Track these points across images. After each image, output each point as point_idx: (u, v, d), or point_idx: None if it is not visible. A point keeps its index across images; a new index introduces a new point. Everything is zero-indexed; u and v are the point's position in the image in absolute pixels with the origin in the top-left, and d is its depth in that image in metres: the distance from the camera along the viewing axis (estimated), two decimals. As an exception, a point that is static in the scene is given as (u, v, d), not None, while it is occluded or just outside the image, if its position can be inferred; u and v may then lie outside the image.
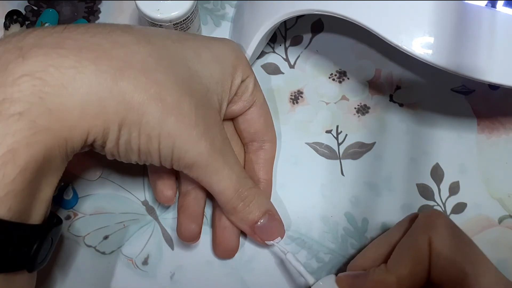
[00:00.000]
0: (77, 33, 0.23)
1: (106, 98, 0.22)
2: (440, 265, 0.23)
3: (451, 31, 0.26)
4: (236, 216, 0.28)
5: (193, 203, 0.30)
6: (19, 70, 0.20)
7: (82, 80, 0.21)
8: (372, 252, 0.28)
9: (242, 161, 0.32)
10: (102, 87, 0.22)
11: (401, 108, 0.36)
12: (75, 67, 0.21)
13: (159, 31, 0.27)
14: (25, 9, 0.38)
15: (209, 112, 0.26)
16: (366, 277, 0.25)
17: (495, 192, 0.34)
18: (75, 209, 0.32)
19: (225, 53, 0.29)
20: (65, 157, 0.22)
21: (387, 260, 0.25)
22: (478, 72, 0.26)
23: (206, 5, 0.38)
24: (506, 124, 0.35)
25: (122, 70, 0.22)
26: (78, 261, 0.31)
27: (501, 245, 0.32)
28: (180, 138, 0.24)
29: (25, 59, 0.21)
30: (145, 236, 0.32)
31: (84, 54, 0.22)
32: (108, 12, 0.38)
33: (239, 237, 0.31)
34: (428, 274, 0.24)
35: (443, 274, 0.23)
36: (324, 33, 0.38)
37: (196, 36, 0.29)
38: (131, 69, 0.23)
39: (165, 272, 0.31)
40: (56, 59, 0.21)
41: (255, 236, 0.29)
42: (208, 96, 0.26)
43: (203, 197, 0.30)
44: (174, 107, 0.24)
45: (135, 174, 0.33)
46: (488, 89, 0.36)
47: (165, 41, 0.26)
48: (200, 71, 0.26)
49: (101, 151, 0.25)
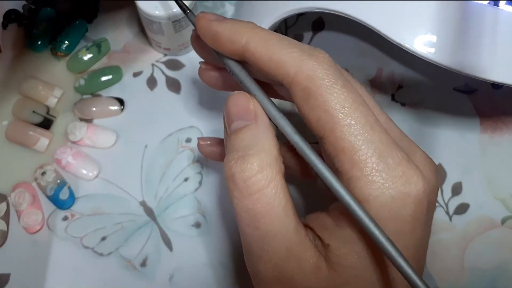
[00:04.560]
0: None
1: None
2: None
3: (454, 29, 0.26)
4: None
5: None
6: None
7: None
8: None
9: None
10: None
11: (403, 107, 0.35)
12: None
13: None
14: (22, 8, 0.37)
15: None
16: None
17: (498, 192, 0.33)
18: (72, 209, 0.32)
19: None
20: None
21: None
22: (480, 70, 0.26)
23: (205, 3, 0.38)
24: (509, 124, 0.35)
25: None
26: (76, 262, 0.31)
27: (504, 246, 0.32)
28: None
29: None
30: (143, 237, 0.32)
31: None
32: (107, 11, 0.38)
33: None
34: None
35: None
36: (325, 32, 0.37)
37: None
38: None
39: (164, 274, 0.31)
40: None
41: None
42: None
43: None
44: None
45: (133, 174, 0.33)
46: (491, 88, 0.36)
47: None
48: None
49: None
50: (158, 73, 0.36)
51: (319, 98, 0.20)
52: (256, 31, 0.21)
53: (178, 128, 0.34)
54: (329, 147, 0.20)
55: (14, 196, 0.32)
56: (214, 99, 0.35)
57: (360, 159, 0.19)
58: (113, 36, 0.37)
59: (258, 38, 0.21)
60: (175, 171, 0.33)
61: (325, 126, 0.20)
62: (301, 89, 0.20)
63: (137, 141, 0.34)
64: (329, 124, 0.19)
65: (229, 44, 0.21)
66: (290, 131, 0.21)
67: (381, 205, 0.19)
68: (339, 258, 0.20)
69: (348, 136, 0.19)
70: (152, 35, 0.34)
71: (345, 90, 0.20)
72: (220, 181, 0.33)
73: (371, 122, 0.20)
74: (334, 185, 0.19)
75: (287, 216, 0.20)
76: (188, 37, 0.35)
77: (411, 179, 0.19)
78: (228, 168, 0.20)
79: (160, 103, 0.35)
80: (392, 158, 0.19)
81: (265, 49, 0.20)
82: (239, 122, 0.21)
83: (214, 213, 0.32)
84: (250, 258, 0.21)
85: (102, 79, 0.35)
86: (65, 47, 0.36)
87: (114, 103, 0.34)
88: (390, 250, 0.18)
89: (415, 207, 0.19)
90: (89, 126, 0.33)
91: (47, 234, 0.32)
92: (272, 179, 0.20)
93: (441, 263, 0.32)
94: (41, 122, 0.33)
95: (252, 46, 0.21)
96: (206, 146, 0.29)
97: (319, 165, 0.20)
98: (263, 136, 0.21)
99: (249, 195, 0.20)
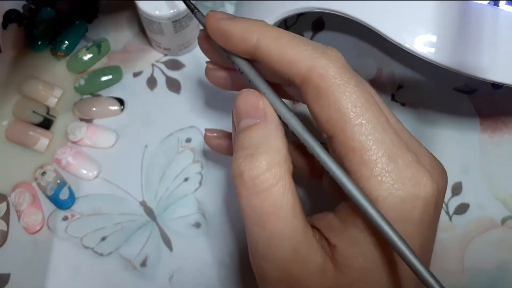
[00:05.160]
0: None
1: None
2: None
3: (454, 29, 0.26)
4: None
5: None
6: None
7: None
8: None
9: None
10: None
11: (403, 107, 0.35)
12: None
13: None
14: (22, 8, 0.37)
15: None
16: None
17: (498, 192, 0.33)
18: (72, 210, 0.32)
19: None
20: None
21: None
22: (480, 70, 0.26)
23: (205, 3, 0.38)
24: (509, 124, 0.35)
25: None
26: (76, 262, 0.31)
27: (504, 246, 0.32)
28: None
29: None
30: (143, 237, 0.32)
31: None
32: (107, 11, 0.38)
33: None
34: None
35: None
36: (325, 32, 0.37)
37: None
38: None
39: (164, 274, 0.31)
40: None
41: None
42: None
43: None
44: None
45: (133, 174, 0.33)
46: (491, 88, 0.36)
47: None
48: None
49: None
50: (158, 73, 0.36)
51: (330, 96, 0.19)
52: (268, 29, 0.21)
53: (178, 128, 0.34)
54: (339, 146, 0.20)
55: (14, 196, 0.32)
56: (214, 99, 0.35)
57: (370, 159, 0.19)
58: (113, 36, 0.37)
59: (269, 36, 0.21)
60: (175, 171, 0.33)
61: (335, 125, 0.19)
62: (312, 88, 0.20)
63: (137, 141, 0.34)
64: (340, 123, 0.19)
65: (240, 42, 0.21)
66: (300, 129, 0.21)
67: (389, 206, 0.19)
68: (345, 259, 0.20)
69: (359, 135, 0.19)
70: (152, 35, 0.34)
71: (358, 89, 0.19)
72: (220, 181, 0.33)
73: (382, 123, 0.19)
74: (346, 184, 0.19)
75: (295, 216, 0.20)
76: (188, 37, 0.35)
77: (420, 181, 0.19)
78: (236, 166, 0.20)
79: (160, 103, 0.35)
80: (402, 159, 0.19)
81: (277, 47, 0.20)
82: (248, 120, 0.21)
83: (214, 213, 0.32)
84: (256, 258, 0.21)
85: (102, 79, 0.35)
86: (65, 47, 0.36)
87: (114, 103, 0.34)
88: (404, 249, 0.18)
89: (423, 209, 0.19)
90: (89, 126, 0.33)
91: (47, 234, 0.32)
92: (281, 178, 0.20)
93: (441, 263, 0.32)
94: (41, 122, 0.33)
95: (264, 44, 0.21)
96: (213, 138, 0.29)
97: (330, 163, 0.20)
98: (272, 134, 0.21)
99: (256, 193, 0.20)
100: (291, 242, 0.20)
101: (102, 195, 0.33)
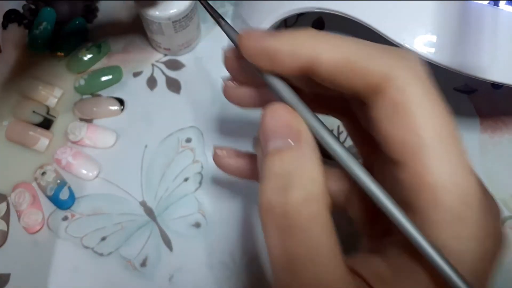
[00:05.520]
0: None
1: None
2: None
3: (454, 30, 0.26)
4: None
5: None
6: None
7: None
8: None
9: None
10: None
11: (403, 107, 0.35)
12: None
13: None
14: (22, 8, 0.37)
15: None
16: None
17: (498, 192, 0.33)
18: (72, 209, 0.32)
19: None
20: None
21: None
22: (480, 70, 0.26)
23: (205, 4, 0.38)
24: (509, 124, 0.35)
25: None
26: (76, 262, 0.31)
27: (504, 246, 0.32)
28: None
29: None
30: (143, 237, 0.32)
31: None
32: (107, 11, 0.38)
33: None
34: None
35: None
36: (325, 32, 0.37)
37: None
38: None
39: (164, 274, 0.31)
40: None
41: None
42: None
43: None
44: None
45: (133, 174, 0.33)
46: (491, 88, 0.36)
47: None
48: None
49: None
50: (158, 73, 0.36)
51: (411, 117, 0.16)
52: (326, 39, 0.18)
53: (178, 128, 0.34)
54: (406, 176, 0.16)
55: (14, 196, 0.32)
56: (214, 99, 0.35)
57: (444, 201, 0.16)
58: (113, 36, 0.37)
59: (330, 46, 0.18)
60: (175, 171, 0.33)
61: (409, 151, 0.16)
62: (388, 103, 0.17)
63: (137, 141, 0.34)
64: (417, 151, 0.16)
65: (289, 60, 0.18)
66: (345, 156, 0.17)
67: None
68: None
69: (437, 171, 0.16)
70: (152, 35, 0.34)
71: (444, 113, 0.17)
72: (220, 181, 0.33)
73: (463, 162, 0.17)
74: (413, 233, 0.16)
75: (335, 263, 0.16)
76: (188, 37, 0.35)
77: (494, 236, 0.17)
78: (266, 199, 0.17)
79: (160, 103, 0.35)
80: (478, 208, 0.16)
81: (341, 57, 0.17)
82: (279, 141, 0.18)
83: (214, 213, 0.32)
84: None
85: (102, 79, 0.35)
86: (65, 47, 0.36)
87: (114, 103, 0.34)
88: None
89: (491, 266, 0.17)
90: (89, 126, 0.33)
91: (47, 234, 0.32)
92: (319, 214, 0.16)
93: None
94: (41, 122, 0.33)
95: (326, 56, 0.17)
96: (222, 157, 0.25)
97: (389, 205, 0.17)
98: (308, 161, 0.17)
99: (290, 234, 0.16)
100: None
101: (102, 195, 0.33)
